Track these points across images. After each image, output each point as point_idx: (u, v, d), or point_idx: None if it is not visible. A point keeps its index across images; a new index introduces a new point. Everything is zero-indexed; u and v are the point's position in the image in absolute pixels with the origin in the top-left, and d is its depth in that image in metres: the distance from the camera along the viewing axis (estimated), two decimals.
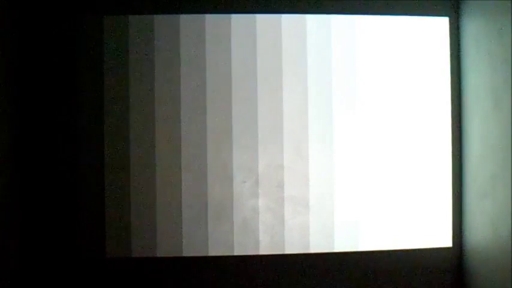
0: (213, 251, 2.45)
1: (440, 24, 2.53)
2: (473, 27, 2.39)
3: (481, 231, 2.32)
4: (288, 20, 2.49)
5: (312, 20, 2.49)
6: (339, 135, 2.49)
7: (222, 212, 2.46)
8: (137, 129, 2.43)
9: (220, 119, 2.46)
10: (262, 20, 2.48)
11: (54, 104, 2.42)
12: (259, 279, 2.45)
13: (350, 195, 2.49)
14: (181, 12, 2.46)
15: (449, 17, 2.53)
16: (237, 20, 2.48)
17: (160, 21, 2.46)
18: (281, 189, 2.47)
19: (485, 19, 2.27)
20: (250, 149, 2.46)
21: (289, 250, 2.47)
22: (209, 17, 2.47)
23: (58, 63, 2.42)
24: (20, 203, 2.35)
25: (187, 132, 2.45)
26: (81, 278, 2.41)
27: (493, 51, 2.20)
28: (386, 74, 2.51)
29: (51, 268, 2.40)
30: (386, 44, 2.52)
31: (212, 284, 2.44)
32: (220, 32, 2.47)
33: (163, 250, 2.43)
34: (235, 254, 2.45)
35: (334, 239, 2.47)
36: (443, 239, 2.51)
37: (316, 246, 2.47)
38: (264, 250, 2.46)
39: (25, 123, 2.39)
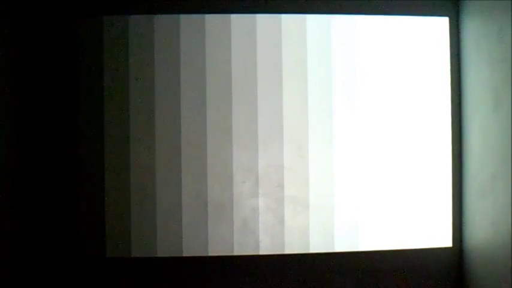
0: (213, 251, 2.45)
1: (440, 24, 2.53)
2: (473, 27, 2.39)
3: (481, 231, 2.32)
4: (288, 20, 2.49)
5: (312, 20, 2.49)
6: (339, 135, 2.49)
7: (222, 212, 2.46)
8: (137, 129, 2.44)
9: (220, 119, 2.46)
10: (262, 20, 2.48)
11: (54, 104, 2.42)
12: (259, 279, 2.45)
13: (350, 195, 2.49)
14: (181, 12, 2.46)
15: (449, 17, 2.52)
16: (237, 20, 2.48)
17: (160, 21, 2.46)
18: (281, 189, 2.47)
19: (485, 19, 2.27)
20: (250, 149, 2.46)
21: (289, 250, 2.47)
22: (209, 17, 2.47)
23: (58, 63, 2.42)
24: (21, 202, 2.35)
25: (187, 132, 2.45)
26: (81, 278, 2.41)
27: (492, 51, 2.20)
28: (387, 74, 2.51)
29: (52, 268, 2.40)
30: (386, 44, 2.52)
31: (212, 284, 2.44)
32: (220, 32, 2.47)
33: (163, 250, 2.43)
34: (235, 254, 2.45)
35: (334, 239, 2.47)
36: (443, 239, 2.51)
37: (316, 246, 2.47)
38: (264, 250, 2.46)
39: (25, 124, 2.39)
